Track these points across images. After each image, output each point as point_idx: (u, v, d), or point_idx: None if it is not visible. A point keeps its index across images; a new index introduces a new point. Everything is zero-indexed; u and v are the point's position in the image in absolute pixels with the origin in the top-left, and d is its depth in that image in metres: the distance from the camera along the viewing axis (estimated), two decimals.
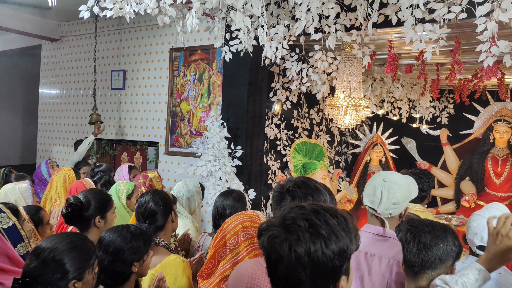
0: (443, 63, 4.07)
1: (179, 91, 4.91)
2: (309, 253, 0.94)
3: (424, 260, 1.49)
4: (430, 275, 1.50)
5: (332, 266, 0.96)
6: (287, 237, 0.97)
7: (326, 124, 5.16)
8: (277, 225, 1.00)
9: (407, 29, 2.54)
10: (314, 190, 1.58)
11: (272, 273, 1.01)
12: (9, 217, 1.92)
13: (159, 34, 5.11)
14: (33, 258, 1.49)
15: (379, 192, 1.92)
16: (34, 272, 1.45)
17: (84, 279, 1.53)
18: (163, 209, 2.19)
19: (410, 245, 1.53)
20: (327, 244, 0.96)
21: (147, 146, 5.40)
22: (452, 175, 5.36)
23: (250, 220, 1.83)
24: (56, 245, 1.51)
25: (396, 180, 1.94)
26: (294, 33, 2.92)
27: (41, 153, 6.49)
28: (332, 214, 1.01)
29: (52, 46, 6.32)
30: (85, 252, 1.56)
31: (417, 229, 1.54)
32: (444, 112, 5.64)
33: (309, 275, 0.95)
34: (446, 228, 1.55)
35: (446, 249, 1.50)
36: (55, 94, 6.29)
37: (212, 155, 3.66)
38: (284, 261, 0.95)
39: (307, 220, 0.98)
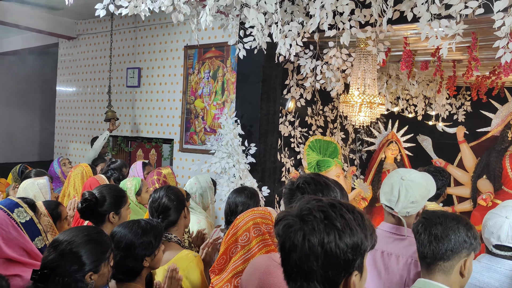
0: (459, 59, 4.02)
1: (194, 88, 4.94)
2: (322, 244, 0.96)
3: (435, 252, 1.48)
4: (443, 266, 1.49)
5: (344, 259, 0.97)
6: (302, 227, 0.98)
7: (341, 121, 5.14)
8: (294, 215, 1.02)
9: (422, 25, 2.51)
10: (324, 186, 1.58)
11: (285, 262, 1.02)
12: (26, 212, 1.96)
13: (173, 32, 5.15)
14: (52, 250, 1.53)
15: (396, 190, 1.89)
16: (52, 264, 1.49)
17: (100, 272, 1.57)
18: (176, 205, 2.21)
19: (422, 237, 1.52)
20: (341, 236, 0.97)
21: (162, 143, 5.44)
22: (469, 173, 5.28)
23: (261, 217, 1.83)
24: (73, 238, 1.55)
25: (414, 178, 1.91)
26: (308, 30, 2.91)
27: (58, 150, 6.60)
28: (348, 209, 1.03)
29: (68, 44, 6.41)
30: (101, 245, 1.60)
31: (429, 221, 1.53)
32: (460, 110, 5.56)
33: (321, 266, 0.96)
34: (459, 219, 1.53)
35: (458, 240, 1.48)
36: (72, 92, 6.38)
37: (226, 152, 3.67)
38: (297, 250, 0.97)
39: (323, 212, 1.00)
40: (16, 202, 1.98)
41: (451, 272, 1.49)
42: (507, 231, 1.80)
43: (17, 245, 1.81)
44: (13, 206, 1.95)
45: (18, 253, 1.79)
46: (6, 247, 1.77)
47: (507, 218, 1.81)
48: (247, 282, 1.52)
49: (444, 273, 1.49)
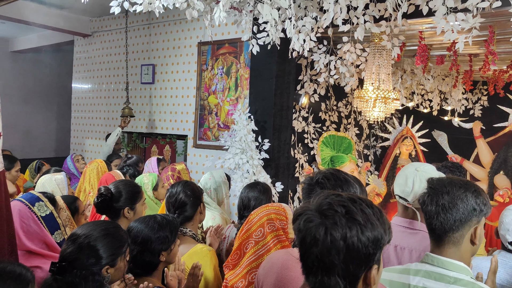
0: (476, 53, 3.95)
1: (207, 84, 4.96)
2: (344, 238, 0.96)
3: (444, 223, 1.42)
4: (452, 237, 1.43)
5: (365, 253, 0.98)
6: (323, 221, 0.99)
7: (355, 117, 5.11)
8: (313, 209, 1.02)
9: (438, 19, 2.48)
10: (343, 181, 1.58)
11: (305, 257, 1.02)
12: (47, 206, 2.01)
13: (187, 28, 5.17)
14: (70, 243, 1.56)
15: (410, 181, 1.90)
16: (70, 257, 1.52)
17: (117, 266, 1.59)
18: (192, 201, 2.24)
19: (429, 208, 1.45)
20: (363, 230, 0.98)
21: (176, 139, 5.48)
22: (486, 169, 5.21)
23: (275, 213, 1.84)
24: (91, 231, 1.58)
25: (428, 170, 1.93)
26: (322, 25, 2.90)
27: (74, 146, 6.69)
28: (367, 204, 1.04)
29: (84, 42, 6.48)
30: (118, 239, 1.63)
31: (435, 191, 1.45)
32: (477, 104, 5.48)
33: (342, 260, 0.96)
34: (466, 186, 1.44)
35: (467, 209, 1.40)
36: (87, 89, 6.46)
37: (240, 148, 3.68)
38: (319, 244, 0.97)
39: (344, 207, 1.00)
40: (37, 196, 2.03)
41: (462, 242, 1.44)
42: None
43: (37, 238, 1.86)
44: (34, 200, 2.00)
45: (38, 246, 1.83)
46: (27, 240, 1.82)
47: None
48: (264, 276, 1.53)
49: (454, 244, 1.44)
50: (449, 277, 1.39)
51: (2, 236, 1.55)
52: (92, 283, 1.48)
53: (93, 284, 1.49)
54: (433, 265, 1.45)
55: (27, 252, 1.83)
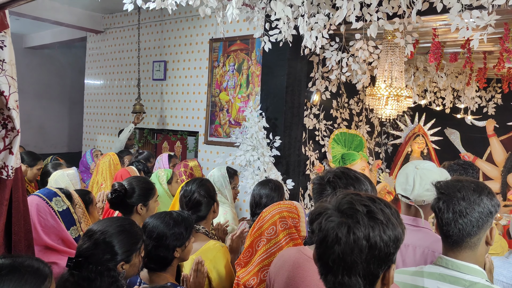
0: (491, 51, 3.91)
1: (219, 81, 4.97)
2: (367, 237, 0.97)
3: (462, 229, 1.39)
4: (470, 242, 1.41)
5: (387, 252, 0.99)
6: (345, 220, 0.99)
7: (366, 114, 5.08)
8: (333, 209, 1.02)
9: (453, 16, 2.45)
10: (354, 180, 1.58)
11: (324, 256, 1.01)
12: (63, 201, 2.04)
13: (199, 25, 5.18)
14: (86, 239, 1.59)
15: (411, 179, 1.91)
16: (86, 252, 1.55)
17: (132, 262, 1.62)
18: (207, 201, 2.27)
19: (445, 215, 1.40)
20: (385, 230, 0.98)
21: (187, 135, 5.51)
22: (499, 167, 5.15)
23: (288, 211, 1.84)
24: (107, 228, 1.60)
25: (428, 167, 1.94)
26: (335, 22, 2.88)
27: (86, 142, 6.76)
28: (386, 204, 1.04)
29: (96, 38, 6.53)
30: (133, 236, 1.65)
31: (449, 197, 1.41)
32: (491, 102, 5.42)
33: (364, 259, 0.97)
34: (480, 190, 1.41)
35: (483, 213, 1.38)
36: (100, 85, 6.52)
37: (251, 145, 3.69)
38: (341, 243, 0.97)
39: (365, 206, 1.01)
40: (54, 191, 2.06)
41: (478, 245, 1.42)
42: None
43: (54, 233, 1.88)
44: (51, 195, 2.03)
45: (55, 241, 1.86)
46: (44, 235, 1.85)
47: None
48: (276, 274, 1.53)
49: (471, 249, 1.42)
50: (465, 280, 1.38)
51: (19, 231, 1.57)
52: (107, 279, 1.51)
53: (108, 279, 1.51)
54: (448, 268, 1.43)
55: (44, 248, 1.85)
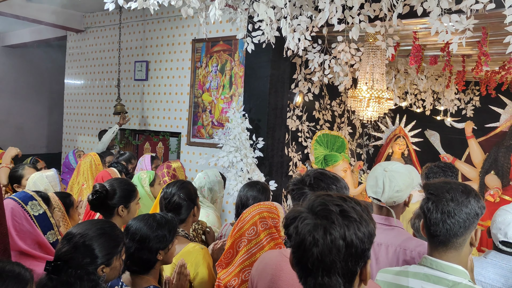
0: (469, 54, 3.98)
1: (201, 82, 4.95)
2: (344, 236, 0.98)
3: (449, 230, 1.42)
4: (456, 242, 1.45)
5: (362, 248, 1.00)
6: (321, 222, 1.00)
7: (348, 116, 5.13)
8: (307, 211, 1.03)
9: (433, 20, 2.50)
10: (334, 178, 1.64)
11: (303, 260, 1.02)
12: (40, 205, 1.99)
13: (181, 25, 5.15)
14: (65, 242, 1.55)
15: (381, 182, 1.94)
16: (65, 256, 1.51)
17: (112, 265, 1.59)
18: (187, 204, 2.24)
19: (434, 215, 1.44)
20: (359, 227, 1.00)
21: (169, 136, 5.47)
22: (477, 169, 5.26)
23: (268, 211, 1.85)
24: (87, 231, 1.58)
25: (396, 169, 1.97)
26: (317, 24, 2.90)
27: (66, 143, 6.65)
28: (356, 202, 1.06)
29: (77, 37, 6.44)
30: (114, 239, 1.62)
31: (438, 198, 1.44)
32: (469, 105, 5.53)
33: (342, 258, 0.98)
34: (468, 191, 1.45)
35: (470, 214, 1.42)
36: (80, 85, 6.42)
37: (234, 146, 3.68)
38: (319, 244, 0.98)
39: (338, 206, 1.02)
40: (31, 195, 2.01)
41: (463, 246, 1.46)
42: None
43: (30, 238, 1.84)
44: (27, 198, 1.98)
45: (30, 246, 1.81)
46: (19, 240, 1.80)
47: None
48: (258, 277, 1.53)
49: (456, 249, 1.45)
50: (448, 280, 1.41)
51: None
52: (87, 283, 1.48)
53: (88, 283, 1.48)
54: (432, 268, 1.46)
55: (19, 253, 1.80)
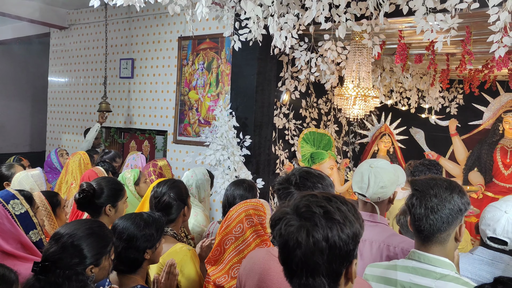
0: (453, 53, 4.04)
1: (188, 80, 4.92)
2: (326, 238, 0.98)
3: (433, 225, 1.46)
4: (440, 237, 1.49)
5: (346, 250, 1.00)
6: (304, 224, 1.00)
7: (334, 114, 5.16)
8: (291, 213, 1.03)
9: (418, 19, 2.53)
10: (319, 177, 1.65)
11: (288, 260, 1.02)
12: (22, 204, 1.95)
13: (167, 23, 5.11)
14: (53, 242, 1.53)
15: (366, 178, 1.97)
16: (53, 256, 1.49)
17: (101, 265, 1.58)
18: (177, 204, 2.23)
19: (417, 211, 1.48)
20: (342, 229, 1.00)
21: (155, 134, 5.43)
22: (461, 166, 5.34)
23: (253, 208, 1.85)
24: (75, 231, 1.56)
25: (381, 165, 2.00)
26: (304, 23, 2.91)
27: (50, 141, 6.55)
28: (342, 201, 1.06)
29: (60, 34, 6.34)
30: (103, 238, 1.61)
31: (423, 193, 1.48)
32: (453, 103, 5.61)
33: (326, 260, 0.98)
34: (452, 187, 1.49)
35: (454, 210, 1.46)
36: (64, 82, 6.33)
37: (221, 144, 3.68)
38: (302, 247, 0.98)
39: (322, 207, 1.02)
40: (13, 194, 1.97)
41: (448, 241, 1.50)
42: (504, 225, 1.83)
43: (12, 237, 1.79)
44: (9, 197, 1.94)
45: (12, 246, 1.77)
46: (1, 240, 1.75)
47: (506, 213, 1.84)
48: (246, 277, 1.53)
49: (440, 244, 1.49)
50: (435, 272, 1.45)
51: None
52: (75, 283, 1.46)
53: (76, 284, 1.46)
54: (420, 261, 1.50)
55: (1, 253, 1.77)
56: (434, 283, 1.44)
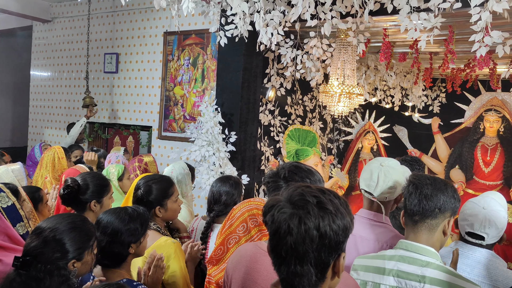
0: (436, 52, 4.10)
1: (173, 75, 4.89)
2: (318, 227, 1.00)
3: (425, 210, 1.55)
4: (429, 224, 1.57)
5: (336, 240, 1.02)
6: (297, 212, 1.02)
7: (319, 111, 5.19)
8: (285, 201, 1.05)
9: (402, 17, 2.56)
10: (308, 172, 1.64)
11: (278, 247, 1.03)
12: (8, 197, 1.93)
13: (153, 18, 5.07)
14: (34, 237, 1.51)
15: (375, 175, 1.96)
16: (34, 251, 1.48)
17: (83, 260, 1.56)
18: (146, 202, 2.19)
19: (412, 196, 1.58)
20: (334, 219, 1.02)
21: (140, 130, 5.39)
22: (443, 163, 5.43)
23: (257, 208, 1.85)
24: (57, 225, 1.54)
25: (392, 165, 2.00)
26: (290, 19, 2.92)
27: (32, 136, 6.45)
28: (334, 195, 1.08)
29: (43, 28, 6.23)
30: (85, 233, 1.59)
31: (420, 181, 1.59)
32: (436, 101, 5.69)
33: (315, 248, 1.00)
34: (446, 182, 1.61)
35: (446, 200, 1.55)
36: (47, 77, 6.23)
37: (206, 140, 3.67)
38: (293, 233, 1.00)
39: (315, 197, 1.04)
40: None
41: (436, 230, 1.57)
42: (482, 221, 1.88)
43: None
44: None
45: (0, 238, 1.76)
46: None
47: (484, 209, 1.89)
48: (233, 270, 1.54)
49: (429, 231, 1.57)
50: (421, 260, 1.52)
51: None
52: (57, 278, 1.45)
53: (58, 278, 1.45)
54: (407, 250, 1.57)
55: None
56: (420, 270, 1.50)
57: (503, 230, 1.91)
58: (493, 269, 1.83)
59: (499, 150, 5.02)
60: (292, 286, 1.04)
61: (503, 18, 2.37)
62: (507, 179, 4.96)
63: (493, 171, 5.03)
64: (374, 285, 1.58)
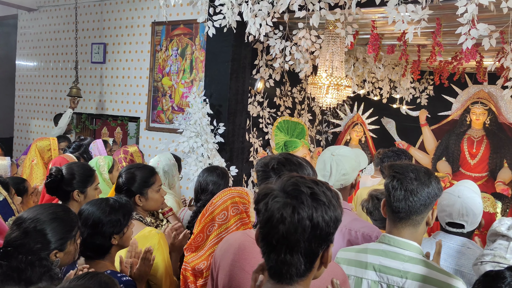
0: (424, 44, 4.12)
1: (161, 66, 4.85)
2: (311, 218, 1.00)
3: (411, 207, 1.51)
4: (415, 219, 1.54)
5: (327, 232, 1.03)
6: (290, 201, 1.02)
7: (308, 103, 5.19)
8: (278, 190, 1.05)
9: (390, 9, 2.56)
10: (297, 165, 1.63)
11: (269, 236, 1.04)
12: (0, 192, 1.91)
13: (140, 7, 5.01)
14: (15, 228, 1.50)
15: (328, 166, 2.03)
16: (15, 242, 1.46)
17: (66, 250, 1.55)
18: (125, 190, 2.17)
19: (397, 192, 1.53)
20: (327, 211, 1.02)
21: (127, 121, 5.35)
22: (430, 155, 5.48)
23: (239, 196, 1.85)
24: (38, 215, 1.52)
25: (343, 152, 2.07)
26: (278, 10, 2.91)
27: (18, 127, 6.37)
28: (327, 187, 1.09)
29: (29, 17, 6.13)
30: (67, 223, 1.58)
31: (403, 176, 1.53)
32: (423, 93, 5.73)
33: (306, 238, 1.01)
34: (429, 172, 1.56)
35: (431, 193, 1.52)
36: (33, 66, 6.14)
37: (194, 132, 3.65)
38: (286, 222, 1.00)
39: (309, 188, 1.04)
40: None
41: (421, 224, 1.56)
42: (459, 210, 1.92)
43: None
44: None
45: None
46: None
47: (459, 197, 1.92)
48: (221, 258, 1.54)
49: (413, 226, 1.55)
50: (404, 255, 1.51)
51: None
52: (39, 268, 1.43)
53: (40, 269, 1.43)
54: (390, 245, 1.56)
55: None
56: (402, 265, 1.50)
57: (480, 215, 1.96)
58: (471, 256, 1.86)
59: (485, 143, 5.08)
60: (279, 274, 1.05)
61: (489, 11, 2.38)
62: (492, 171, 5.02)
63: (479, 163, 5.09)
64: (356, 279, 1.57)
